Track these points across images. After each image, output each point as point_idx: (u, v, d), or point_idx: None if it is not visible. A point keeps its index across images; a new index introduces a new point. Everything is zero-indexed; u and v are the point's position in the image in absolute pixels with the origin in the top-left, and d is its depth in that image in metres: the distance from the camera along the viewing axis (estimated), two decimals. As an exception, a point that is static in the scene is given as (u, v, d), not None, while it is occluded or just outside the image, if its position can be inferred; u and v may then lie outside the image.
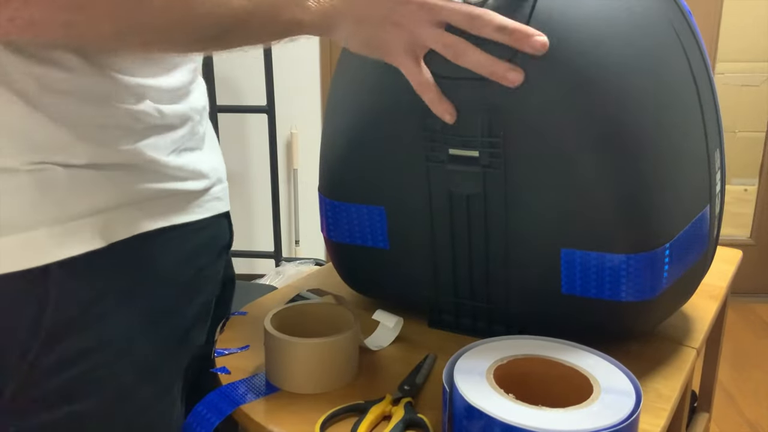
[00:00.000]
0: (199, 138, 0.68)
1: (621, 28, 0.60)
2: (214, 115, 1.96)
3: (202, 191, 0.67)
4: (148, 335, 0.60)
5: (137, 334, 0.59)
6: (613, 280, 0.63)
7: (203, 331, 0.69)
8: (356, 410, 0.60)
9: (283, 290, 0.88)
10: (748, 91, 2.60)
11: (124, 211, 0.58)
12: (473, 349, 0.59)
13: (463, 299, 0.73)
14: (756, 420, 1.93)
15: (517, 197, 0.65)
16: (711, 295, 0.84)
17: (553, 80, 0.59)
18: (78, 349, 0.55)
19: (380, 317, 0.73)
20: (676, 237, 0.64)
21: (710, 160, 0.67)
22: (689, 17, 0.65)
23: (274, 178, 2.37)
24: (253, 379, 0.66)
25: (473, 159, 0.65)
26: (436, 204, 0.69)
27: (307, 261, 2.31)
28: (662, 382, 0.65)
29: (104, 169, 0.56)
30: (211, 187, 0.68)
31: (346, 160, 0.72)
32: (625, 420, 0.50)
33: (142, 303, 0.60)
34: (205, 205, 0.67)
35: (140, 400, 0.60)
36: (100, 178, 0.56)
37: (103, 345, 0.57)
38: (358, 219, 0.73)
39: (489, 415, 0.50)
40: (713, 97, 0.68)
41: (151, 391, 0.61)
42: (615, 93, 0.59)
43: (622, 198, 0.61)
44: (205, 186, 0.67)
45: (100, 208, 0.56)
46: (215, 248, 0.70)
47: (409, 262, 0.73)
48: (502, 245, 0.67)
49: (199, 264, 0.67)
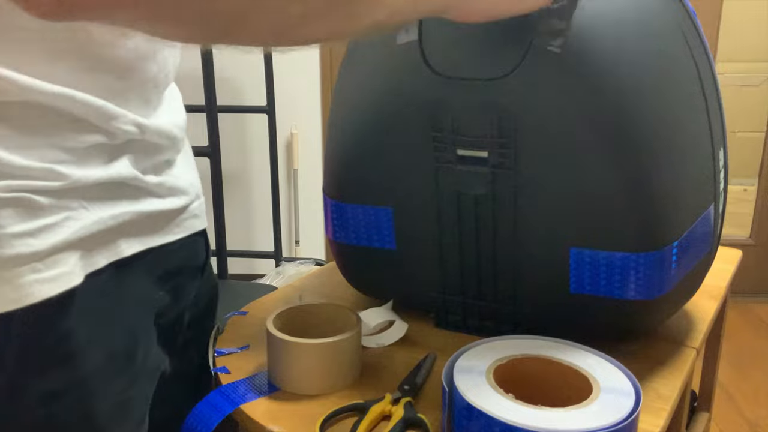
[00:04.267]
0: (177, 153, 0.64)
1: (630, 28, 0.60)
2: (214, 115, 1.96)
3: (181, 209, 0.63)
4: (121, 371, 0.56)
5: (109, 371, 0.54)
6: (622, 279, 0.64)
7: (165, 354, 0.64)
8: (356, 410, 0.60)
9: (283, 290, 0.88)
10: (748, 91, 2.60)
11: (104, 237, 0.54)
12: (473, 349, 0.59)
13: (470, 299, 0.73)
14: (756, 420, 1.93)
15: (525, 197, 0.65)
16: (711, 295, 0.84)
17: (561, 80, 0.59)
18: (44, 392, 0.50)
19: (366, 317, 0.73)
20: (683, 235, 0.64)
21: (715, 158, 0.68)
22: (694, 18, 0.65)
23: (274, 178, 2.37)
24: (253, 378, 0.66)
25: (482, 159, 0.65)
26: (444, 204, 0.69)
27: (307, 261, 2.31)
28: (662, 382, 0.65)
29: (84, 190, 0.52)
30: (190, 204, 0.65)
31: (353, 161, 0.72)
32: (624, 420, 0.50)
33: (114, 337, 0.55)
34: (183, 224, 0.64)
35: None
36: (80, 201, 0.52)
37: (72, 387, 0.52)
38: (365, 220, 0.73)
39: (488, 415, 0.50)
40: (717, 96, 0.69)
41: (125, 429, 0.57)
42: (624, 92, 0.59)
43: (630, 196, 0.61)
44: (184, 203, 0.64)
45: (81, 236, 0.51)
46: (190, 270, 0.67)
47: (416, 263, 0.73)
48: (511, 245, 0.68)
49: (170, 287, 0.63)
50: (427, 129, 0.66)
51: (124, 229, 0.56)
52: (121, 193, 0.56)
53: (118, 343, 0.56)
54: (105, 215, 0.54)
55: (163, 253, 0.61)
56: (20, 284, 0.48)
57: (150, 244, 0.59)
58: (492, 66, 0.61)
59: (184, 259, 0.65)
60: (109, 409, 0.55)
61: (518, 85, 0.61)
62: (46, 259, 0.49)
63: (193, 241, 0.67)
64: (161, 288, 0.62)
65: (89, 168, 0.53)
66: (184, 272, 0.66)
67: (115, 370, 0.55)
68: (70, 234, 0.51)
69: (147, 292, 0.60)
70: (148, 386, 0.61)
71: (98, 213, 0.53)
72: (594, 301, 0.66)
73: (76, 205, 0.52)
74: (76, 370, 0.52)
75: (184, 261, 0.66)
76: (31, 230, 0.49)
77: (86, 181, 0.52)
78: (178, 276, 0.65)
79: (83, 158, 0.52)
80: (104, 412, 0.54)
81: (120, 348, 0.56)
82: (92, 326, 0.53)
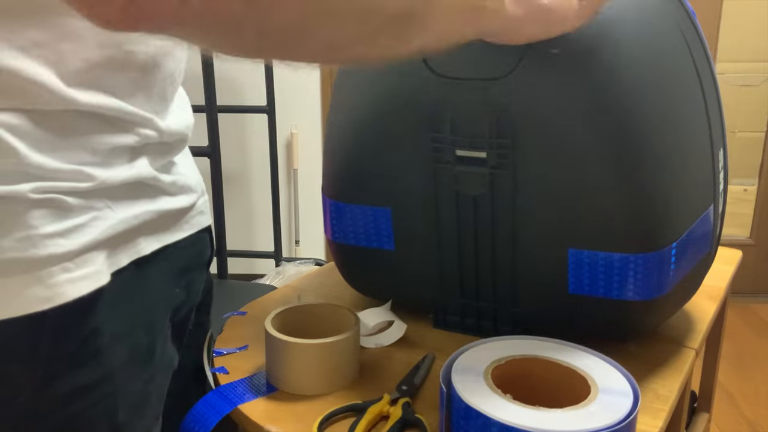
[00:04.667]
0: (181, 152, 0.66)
1: (630, 27, 0.60)
2: (214, 115, 1.96)
3: (190, 206, 0.65)
4: (142, 368, 0.57)
5: (132, 368, 0.56)
6: (620, 280, 0.64)
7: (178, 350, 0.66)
8: (354, 410, 0.60)
9: (282, 290, 0.88)
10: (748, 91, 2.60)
11: (127, 236, 0.55)
12: (471, 350, 0.59)
13: (468, 299, 0.73)
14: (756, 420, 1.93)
15: (524, 198, 0.65)
16: (710, 296, 0.84)
17: (560, 80, 0.59)
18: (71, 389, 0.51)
19: (364, 317, 0.73)
20: (682, 236, 0.64)
21: (714, 159, 0.68)
22: (693, 18, 0.65)
23: (274, 178, 2.37)
24: (251, 379, 0.66)
25: (481, 160, 0.65)
26: (442, 205, 0.69)
27: (307, 261, 2.31)
28: (661, 382, 0.65)
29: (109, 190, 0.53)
30: (197, 201, 0.67)
31: (352, 162, 0.72)
32: (622, 420, 0.50)
33: (137, 334, 0.57)
34: (191, 221, 0.66)
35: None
36: (105, 201, 0.53)
37: (98, 383, 0.53)
38: (363, 220, 0.73)
39: (486, 416, 0.50)
40: (717, 97, 0.69)
41: (143, 425, 0.58)
42: (623, 93, 0.59)
43: (629, 197, 0.61)
44: (192, 201, 0.66)
45: (108, 235, 0.53)
46: (199, 265, 0.69)
47: (414, 263, 0.73)
48: (509, 245, 0.68)
49: (184, 283, 0.65)
50: (426, 129, 0.65)
51: (143, 228, 0.57)
52: (141, 193, 0.57)
53: (140, 340, 0.57)
54: (128, 215, 0.55)
55: (176, 250, 0.63)
56: (52, 284, 0.49)
57: (165, 242, 0.61)
58: (491, 66, 0.61)
59: (193, 256, 0.67)
60: (130, 405, 0.56)
61: (517, 86, 0.61)
62: (76, 258, 0.50)
63: (200, 238, 0.68)
64: (176, 285, 0.64)
65: (113, 169, 0.54)
66: (194, 268, 0.67)
67: (137, 366, 0.57)
68: (98, 234, 0.52)
69: (164, 288, 0.61)
70: (164, 382, 0.62)
71: (122, 213, 0.55)
72: (592, 301, 0.66)
73: (102, 206, 0.53)
74: (102, 367, 0.53)
75: (193, 257, 0.67)
76: (62, 231, 0.50)
77: (111, 181, 0.53)
78: (189, 272, 0.66)
79: (107, 159, 0.53)
80: (126, 409, 0.55)
81: (142, 344, 0.57)
82: (117, 323, 0.54)
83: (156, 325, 0.60)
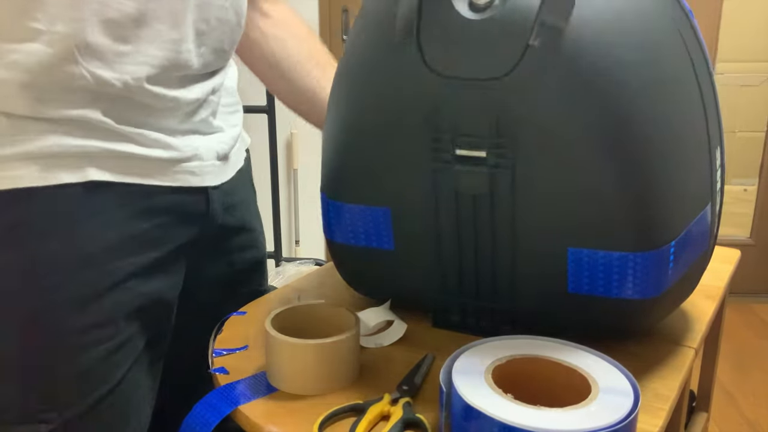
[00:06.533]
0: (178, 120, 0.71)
1: (628, 27, 0.60)
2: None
3: (169, 160, 0.70)
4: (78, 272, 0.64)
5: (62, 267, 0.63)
6: (620, 279, 0.64)
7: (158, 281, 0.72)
8: (354, 410, 0.60)
9: (282, 290, 0.88)
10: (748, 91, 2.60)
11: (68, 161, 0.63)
12: (471, 349, 0.59)
13: (468, 299, 0.73)
14: (756, 420, 1.93)
15: (524, 197, 0.65)
16: (709, 295, 0.84)
17: (559, 80, 0.59)
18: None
19: (364, 317, 0.73)
20: (680, 234, 0.64)
21: (712, 158, 0.68)
22: (691, 17, 0.66)
23: (274, 179, 2.37)
24: (251, 379, 0.66)
25: (480, 159, 0.65)
26: (442, 204, 0.69)
27: (307, 261, 2.31)
28: (660, 382, 0.65)
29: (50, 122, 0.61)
30: (184, 161, 0.71)
31: (350, 161, 0.72)
32: (622, 420, 0.50)
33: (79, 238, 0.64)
34: (174, 176, 0.71)
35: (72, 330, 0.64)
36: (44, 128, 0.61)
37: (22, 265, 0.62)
38: (363, 220, 0.73)
39: (487, 415, 0.50)
40: (714, 96, 0.69)
41: (86, 321, 0.65)
42: (621, 92, 0.59)
43: (628, 196, 0.61)
44: (170, 156, 0.70)
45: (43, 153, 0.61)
46: (180, 214, 0.73)
47: (414, 263, 0.73)
48: (509, 245, 0.68)
49: (158, 223, 0.70)
50: (426, 129, 0.66)
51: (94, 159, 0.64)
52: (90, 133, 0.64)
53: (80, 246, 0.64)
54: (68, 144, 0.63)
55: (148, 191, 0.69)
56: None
57: (126, 179, 0.67)
58: (491, 66, 0.61)
59: (173, 203, 0.72)
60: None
61: (517, 86, 0.61)
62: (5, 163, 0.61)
63: (188, 193, 0.73)
64: (145, 221, 0.69)
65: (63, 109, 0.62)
66: (172, 213, 0.72)
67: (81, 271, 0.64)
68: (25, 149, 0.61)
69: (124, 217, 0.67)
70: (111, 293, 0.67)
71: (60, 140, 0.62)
72: (592, 300, 0.66)
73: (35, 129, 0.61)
74: (24, 249, 0.62)
75: (173, 204, 0.72)
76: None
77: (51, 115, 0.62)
78: (165, 215, 0.71)
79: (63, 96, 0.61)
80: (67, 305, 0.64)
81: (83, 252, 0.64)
82: (49, 221, 0.62)
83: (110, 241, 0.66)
